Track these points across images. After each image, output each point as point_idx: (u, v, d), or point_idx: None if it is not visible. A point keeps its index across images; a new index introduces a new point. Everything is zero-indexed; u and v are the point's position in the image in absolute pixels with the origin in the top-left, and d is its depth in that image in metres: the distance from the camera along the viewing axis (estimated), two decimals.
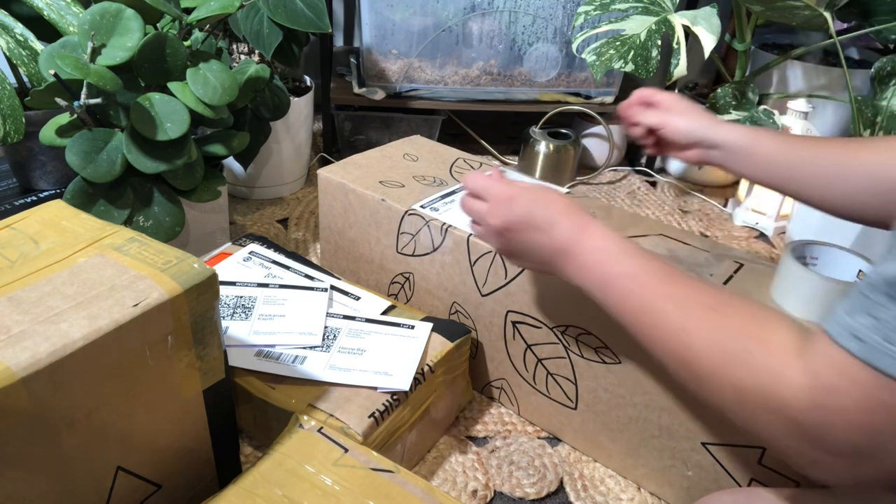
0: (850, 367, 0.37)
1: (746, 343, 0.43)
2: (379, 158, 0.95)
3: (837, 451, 0.38)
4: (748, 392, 0.42)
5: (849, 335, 0.37)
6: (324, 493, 0.54)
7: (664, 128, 0.75)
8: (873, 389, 0.36)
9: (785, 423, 0.40)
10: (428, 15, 1.31)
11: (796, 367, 0.40)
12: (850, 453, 0.38)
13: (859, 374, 0.36)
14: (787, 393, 0.40)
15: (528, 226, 0.57)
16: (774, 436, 0.42)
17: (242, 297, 0.78)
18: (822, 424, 0.38)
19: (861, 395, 0.36)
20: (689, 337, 0.46)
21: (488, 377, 0.84)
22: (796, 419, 0.39)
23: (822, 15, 1.13)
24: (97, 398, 0.48)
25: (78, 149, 0.75)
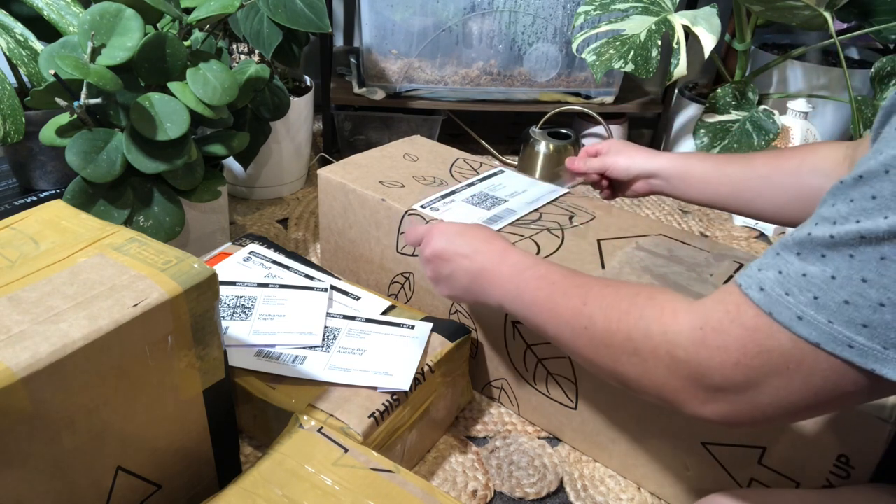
0: (744, 314, 0.41)
1: (637, 300, 0.48)
2: (379, 158, 0.95)
3: (716, 386, 0.43)
4: (639, 341, 0.47)
5: (756, 286, 0.41)
6: (324, 493, 0.54)
7: (608, 170, 0.82)
8: (757, 334, 0.40)
9: (671, 363, 0.45)
10: (428, 15, 1.31)
11: (685, 312, 0.45)
12: (726, 389, 0.42)
13: (750, 321, 0.40)
14: (675, 335, 0.44)
15: (454, 253, 0.64)
16: (657, 374, 0.46)
17: (242, 297, 0.78)
18: (705, 360, 0.43)
19: (745, 337, 0.41)
20: (587, 307, 0.51)
21: (488, 377, 0.84)
22: (681, 357, 0.44)
23: (822, 15, 1.13)
24: (97, 398, 0.48)
25: (78, 149, 0.75)
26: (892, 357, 0.36)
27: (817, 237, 0.38)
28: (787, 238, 0.40)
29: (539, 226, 0.80)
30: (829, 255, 0.38)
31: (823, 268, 0.38)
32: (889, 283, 0.35)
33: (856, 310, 0.37)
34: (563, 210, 0.84)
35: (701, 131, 1.29)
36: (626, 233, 0.79)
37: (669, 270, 0.72)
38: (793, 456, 0.61)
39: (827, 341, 0.38)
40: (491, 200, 0.85)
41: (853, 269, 0.37)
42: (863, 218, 0.36)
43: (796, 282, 0.39)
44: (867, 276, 0.36)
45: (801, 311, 0.38)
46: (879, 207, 0.35)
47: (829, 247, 0.38)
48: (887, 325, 0.36)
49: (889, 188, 0.35)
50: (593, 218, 0.82)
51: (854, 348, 0.37)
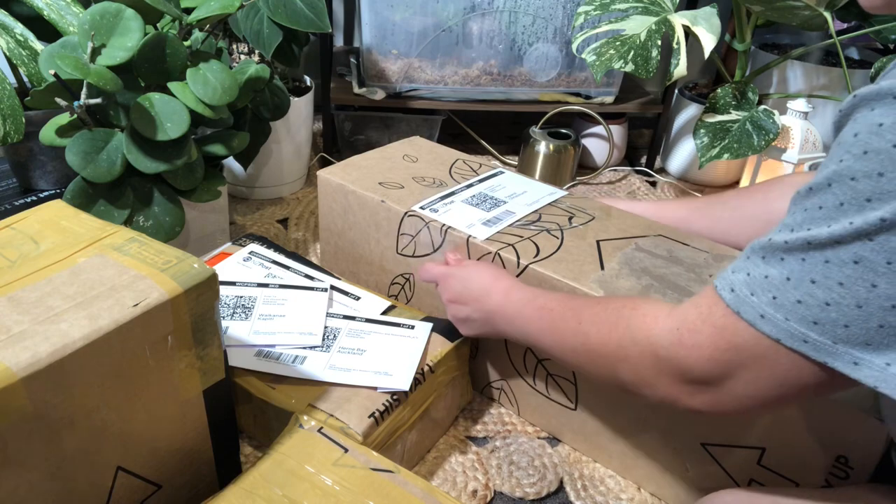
0: (715, 314, 0.45)
1: (623, 312, 0.54)
2: (378, 160, 0.95)
3: (693, 379, 0.48)
4: (628, 348, 0.52)
5: (728, 287, 0.45)
6: (324, 493, 0.54)
7: None
8: (725, 332, 0.45)
9: (653, 361, 0.50)
10: (428, 15, 1.31)
11: (665, 317, 0.50)
12: (707, 382, 0.47)
13: (720, 320, 0.45)
14: (656, 338, 0.50)
15: (468, 298, 0.71)
16: (647, 375, 0.51)
17: (242, 297, 0.78)
18: (683, 358, 0.47)
19: (716, 335, 0.45)
20: (582, 325, 0.58)
21: (488, 378, 0.84)
22: (661, 355, 0.49)
23: (822, 15, 1.13)
24: (97, 398, 0.48)
25: (78, 149, 0.75)
26: (840, 351, 0.40)
27: (776, 242, 0.42)
28: (756, 243, 0.44)
29: (538, 227, 0.80)
30: (786, 259, 0.41)
31: (781, 270, 0.42)
32: (832, 284, 0.39)
33: (807, 308, 0.40)
34: (563, 211, 0.84)
35: (701, 131, 1.29)
36: (626, 233, 0.79)
37: (669, 271, 0.72)
38: (792, 456, 0.61)
39: (785, 337, 0.41)
40: (490, 202, 0.85)
41: (804, 272, 0.40)
42: (812, 226, 0.40)
43: (759, 283, 0.43)
44: (815, 278, 0.40)
45: (762, 309, 0.42)
46: (824, 217, 0.39)
47: (786, 251, 0.41)
48: (834, 322, 0.40)
49: (832, 200, 0.39)
50: (592, 219, 0.82)
51: (808, 343, 0.41)
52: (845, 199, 0.38)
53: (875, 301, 0.38)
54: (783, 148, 1.25)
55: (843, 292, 0.39)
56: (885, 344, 0.39)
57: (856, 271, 0.38)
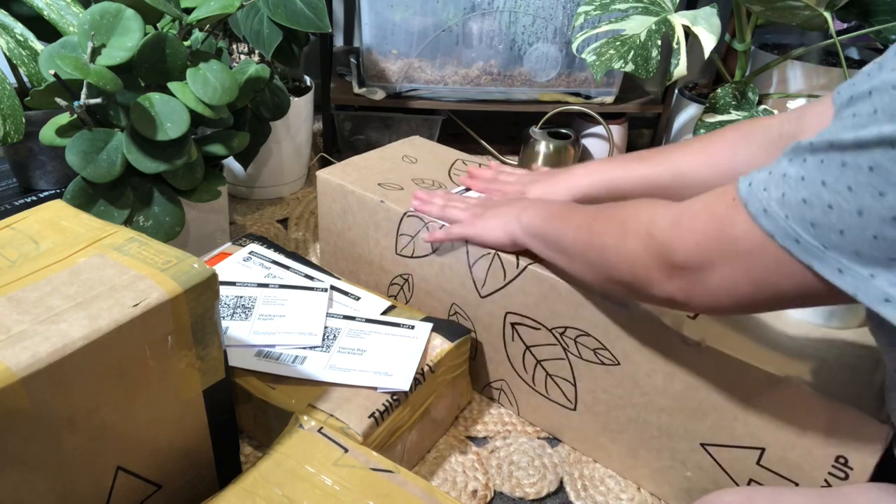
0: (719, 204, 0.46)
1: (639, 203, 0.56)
2: (378, 160, 0.95)
3: (677, 264, 0.49)
4: (629, 223, 0.54)
5: (747, 181, 0.45)
6: (324, 493, 0.54)
7: None
8: (721, 222, 0.46)
9: (647, 239, 0.52)
10: (428, 15, 1.31)
11: (674, 204, 0.52)
12: (685, 268, 0.49)
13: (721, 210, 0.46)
14: (659, 217, 0.52)
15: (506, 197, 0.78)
16: (636, 253, 0.53)
17: (242, 297, 0.78)
18: (673, 238, 0.49)
19: (710, 223, 0.47)
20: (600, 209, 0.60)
21: (488, 378, 0.84)
22: (656, 234, 0.51)
23: (822, 15, 1.12)
24: (97, 398, 0.48)
25: (78, 149, 0.75)
26: (829, 257, 0.40)
27: (804, 144, 0.42)
28: (794, 144, 0.44)
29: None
30: (808, 160, 0.41)
31: (799, 170, 0.42)
32: (841, 187, 0.39)
33: (810, 208, 0.41)
34: None
35: (701, 131, 1.28)
36: None
37: None
38: (791, 457, 0.61)
39: (780, 234, 0.42)
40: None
41: (819, 172, 0.40)
42: (840, 131, 0.40)
43: (776, 180, 0.43)
44: (827, 179, 0.40)
45: (768, 204, 0.43)
46: (854, 124, 0.39)
47: (810, 152, 0.41)
48: (831, 226, 0.40)
49: (867, 108, 0.39)
50: None
51: (800, 243, 0.41)
52: (880, 106, 0.38)
53: (877, 210, 0.38)
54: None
55: (849, 196, 0.39)
56: (874, 257, 0.39)
57: (868, 177, 0.38)
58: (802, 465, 0.60)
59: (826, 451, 0.58)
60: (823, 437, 0.58)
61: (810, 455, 0.59)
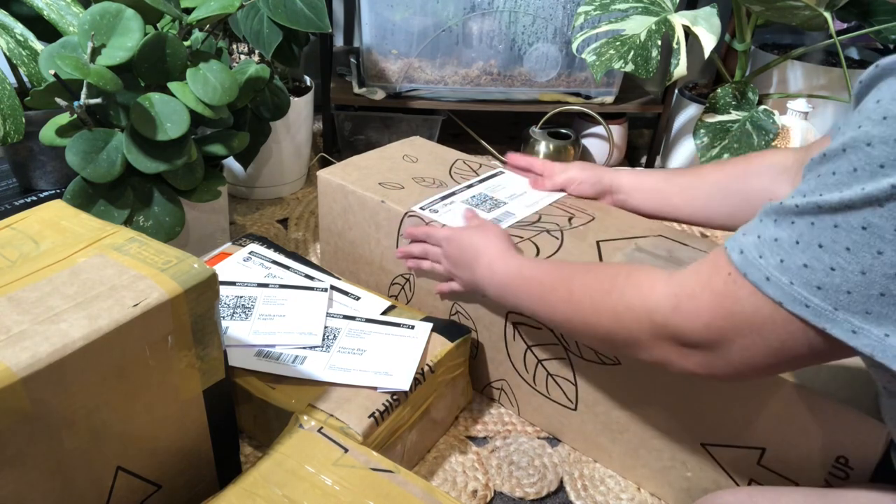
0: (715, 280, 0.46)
1: (617, 280, 0.55)
2: (378, 160, 0.95)
3: (688, 343, 0.48)
4: (623, 314, 0.53)
5: (737, 249, 0.45)
6: (324, 493, 0.54)
7: (572, 185, 0.88)
8: (725, 299, 0.45)
9: (649, 326, 0.51)
10: (428, 15, 1.31)
11: (662, 284, 0.51)
12: (702, 346, 0.48)
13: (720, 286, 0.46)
14: (654, 303, 0.50)
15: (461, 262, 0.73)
16: (642, 339, 0.52)
17: (242, 297, 0.78)
18: (678, 324, 0.48)
19: (715, 302, 0.46)
20: (574, 295, 0.58)
21: (488, 378, 0.84)
22: (657, 321, 0.50)
23: (822, 15, 1.12)
24: (97, 398, 0.48)
25: (78, 149, 0.75)
26: (840, 318, 0.40)
27: (788, 206, 0.42)
28: (769, 206, 0.44)
29: (538, 227, 0.80)
30: (796, 222, 0.42)
31: (791, 233, 0.42)
32: (839, 249, 0.39)
33: (812, 273, 0.40)
34: (563, 211, 0.84)
35: (701, 131, 1.29)
36: (626, 234, 0.79)
37: None
38: (792, 457, 0.61)
39: (788, 301, 0.42)
40: (490, 202, 0.85)
41: (812, 236, 0.40)
42: (824, 191, 0.40)
43: (769, 245, 0.43)
44: (823, 242, 0.40)
45: (769, 272, 0.42)
46: (837, 182, 0.39)
47: (797, 214, 0.42)
48: (837, 287, 0.40)
49: (845, 166, 0.39)
50: (592, 219, 0.82)
51: (809, 308, 0.41)
52: (859, 164, 0.38)
53: (879, 268, 0.38)
54: (783, 148, 1.25)
55: (848, 258, 0.39)
56: (885, 314, 0.39)
57: (863, 237, 0.38)
58: (803, 465, 0.60)
59: (826, 451, 0.58)
60: (824, 437, 0.58)
61: (811, 455, 0.59)
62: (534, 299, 0.63)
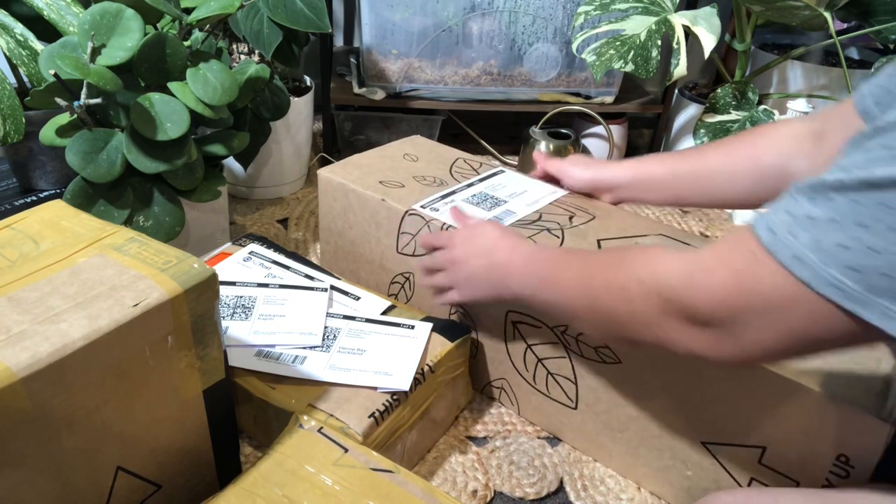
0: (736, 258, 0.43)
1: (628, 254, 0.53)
2: (379, 159, 0.95)
3: (698, 320, 0.46)
4: (632, 289, 0.50)
5: (765, 227, 0.42)
6: (324, 493, 0.54)
7: (562, 177, 0.86)
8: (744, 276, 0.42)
9: (661, 303, 0.48)
10: (428, 15, 1.31)
11: (675, 259, 0.48)
12: (712, 324, 0.45)
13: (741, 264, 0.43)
14: (664, 276, 0.48)
15: (472, 254, 0.69)
16: (649, 313, 0.49)
17: (242, 297, 0.78)
18: (690, 297, 0.46)
19: (733, 278, 0.43)
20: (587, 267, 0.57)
21: (488, 377, 0.84)
22: (667, 295, 0.47)
23: (822, 15, 1.12)
24: (97, 398, 0.48)
25: (78, 149, 0.75)
26: (874, 302, 0.38)
27: (829, 181, 0.39)
28: (803, 182, 0.41)
29: (539, 226, 0.80)
30: (835, 199, 0.39)
31: (828, 211, 0.39)
32: (883, 229, 0.37)
33: (849, 253, 0.38)
34: (563, 210, 0.84)
35: (701, 131, 1.29)
36: (626, 233, 0.79)
37: None
38: (793, 456, 0.61)
39: (817, 281, 0.39)
40: (491, 201, 0.85)
41: (854, 214, 0.38)
42: (872, 166, 0.37)
43: (802, 223, 0.40)
44: (865, 221, 0.37)
45: (799, 251, 0.40)
46: (889, 157, 0.37)
47: (837, 190, 0.39)
48: (875, 270, 0.37)
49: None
50: (593, 218, 0.82)
51: (841, 290, 0.38)
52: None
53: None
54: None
55: (892, 238, 0.36)
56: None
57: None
58: (804, 464, 0.60)
59: (827, 450, 0.58)
60: (825, 435, 0.58)
61: (811, 454, 0.59)
62: (546, 277, 0.61)
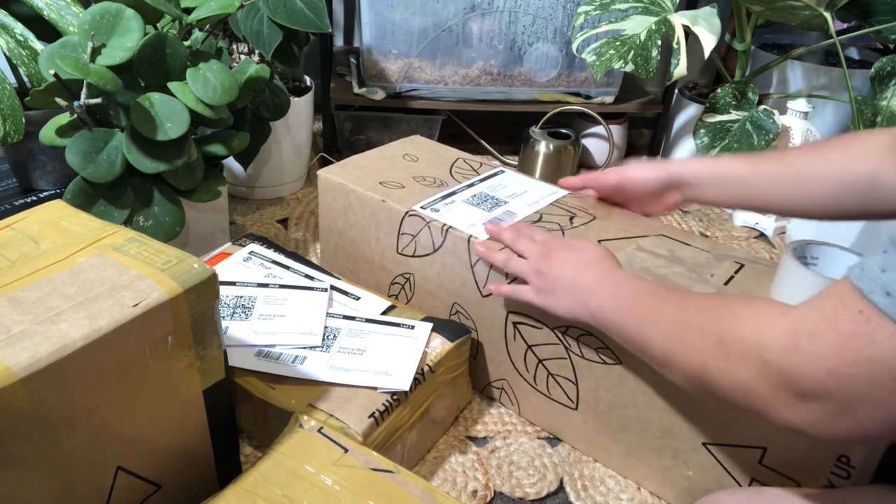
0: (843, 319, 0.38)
1: (733, 304, 0.48)
2: (379, 159, 0.95)
3: (802, 391, 0.40)
4: (730, 343, 0.45)
5: (882, 291, 0.37)
6: (324, 493, 0.54)
7: (627, 183, 0.79)
8: (857, 342, 0.37)
9: (760, 366, 0.43)
10: (428, 15, 1.31)
11: (780, 316, 0.43)
12: (820, 397, 0.40)
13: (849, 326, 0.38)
14: (767, 338, 0.43)
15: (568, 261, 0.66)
16: (750, 382, 0.44)
17: (242, 297, 0.78)
18: (795, 365, 0.40)
19: (844, 344, 0.38)
20: (684, 311, 0.51)
21: (489, 377, 0.84)
22: (769, 359, 0.42)
23: (822, 15, 1.12)
24: (97, 398, 0.48)
25: (78, 149, 0.75)
26: None
27: None
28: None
29: (539, 227, 0.80)
30: None
31: None
32: None
33: None
34: (564, 211, 0.84)
35: (701, 131, 1.29)
36: (627, 233, 0.79)
37: (670, 271, 0.72)
38: (793, 456, 0.61)
39: None
40: (491, 202, 0.85)
41: None
42: None
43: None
44: None
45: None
46: None
47: None
48: None
49: None
50: (594, 219, 0.82)
51: None
52: None
53: None
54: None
55: None
56: None
57: None
58: (805, 465, 0.60)
59: (828, 451, 0.58)
60: None
61: (812, 454, 0.59)
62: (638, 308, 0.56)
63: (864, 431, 0.39)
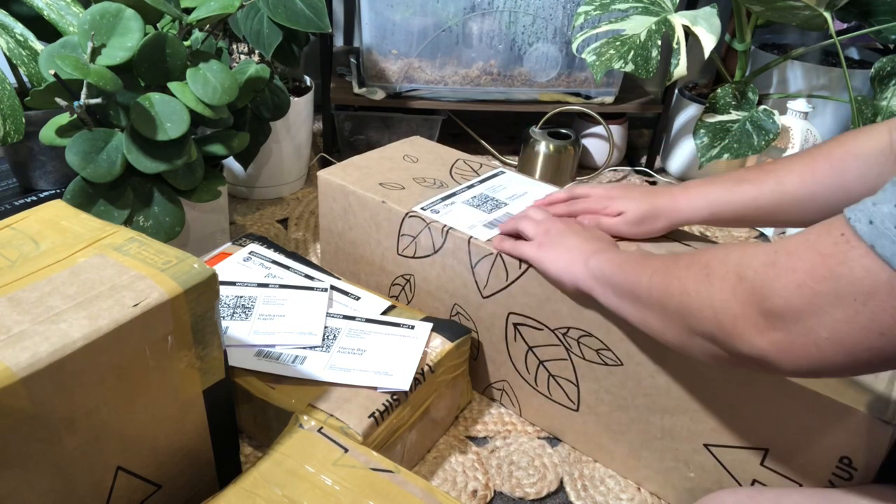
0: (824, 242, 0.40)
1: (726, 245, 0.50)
2: (379, 160, 0.95)
3: (775, 311, 0.42)
4: (715, 266, 0.47)
5: (865, 219, 0.38)
6: (324, 493, 0.54)
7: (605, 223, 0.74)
8: (831, 259, 0.39)
9: (736, 283, 0.45)
10: (428, 15, 1.31)
11: (761, 245, 0.45)
12: (784, 316, 0.41)
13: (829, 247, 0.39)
14: (749, 258, 0.45)
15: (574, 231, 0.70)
16: (724, 300, 0.46)
17: (242, 297, 0.77)
18: (769, 280, 0.42)
19: (818, 261, 0.40)
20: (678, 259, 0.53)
21: (489, 379, 0.84)
22: (748, 276, 0.44)
23: (822, 15, 1.12)
24: (97, 398, 0.48)
25: (78, 149, 0.75)
26: None
27: None
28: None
29: None
30: None
31: None
32: None
33: None
34: None
35: (701, 131, 1.29)
36: None
37: None
38: (795, 458, 0.61)
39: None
40: (491, 203, 0.85)
41: None
42: None
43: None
44: None
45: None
46: None
47: None
48: None
49: None
50: None
51: None
52: None
53: None
54: (783, 148, 1.25)
55: None
56: None
57: None
58: (806, 466, 0.60)
59: (830, 452, 0.58)
60: (827, 437, 0.58)
61: (814, 456, 0.59)
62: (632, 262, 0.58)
63: (822, 358, 0.40)
